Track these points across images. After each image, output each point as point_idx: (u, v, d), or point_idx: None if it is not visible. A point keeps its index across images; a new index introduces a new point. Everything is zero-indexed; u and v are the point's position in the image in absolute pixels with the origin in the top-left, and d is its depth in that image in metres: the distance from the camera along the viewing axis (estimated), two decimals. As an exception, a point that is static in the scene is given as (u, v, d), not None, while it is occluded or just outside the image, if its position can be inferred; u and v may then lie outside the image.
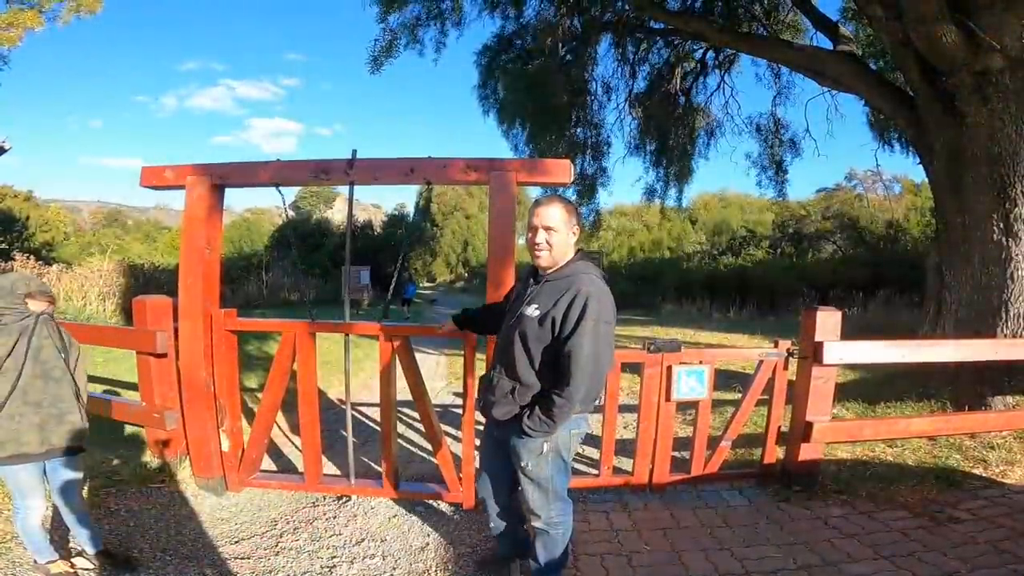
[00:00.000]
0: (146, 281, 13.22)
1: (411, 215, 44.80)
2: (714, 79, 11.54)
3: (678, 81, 11.37)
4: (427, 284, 47.76)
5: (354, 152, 3.16)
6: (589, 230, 13.54)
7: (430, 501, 3.44)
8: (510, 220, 3.09)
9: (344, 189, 3.23)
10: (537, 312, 2.04)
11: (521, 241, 3.12)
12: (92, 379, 5.66)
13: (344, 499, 3.44)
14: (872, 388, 5.75)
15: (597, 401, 2.22)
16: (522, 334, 2.08)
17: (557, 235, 2.09)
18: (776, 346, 3.54)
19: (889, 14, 5.40)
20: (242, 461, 3.52)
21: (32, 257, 12.88)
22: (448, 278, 53.21)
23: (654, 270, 26.55)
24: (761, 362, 3.54)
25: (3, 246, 15.66)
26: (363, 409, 5.58)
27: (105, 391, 5.15)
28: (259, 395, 5.81)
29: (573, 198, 12.27)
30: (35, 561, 2.47)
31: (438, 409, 5.78)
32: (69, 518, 2.53)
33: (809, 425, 3.40)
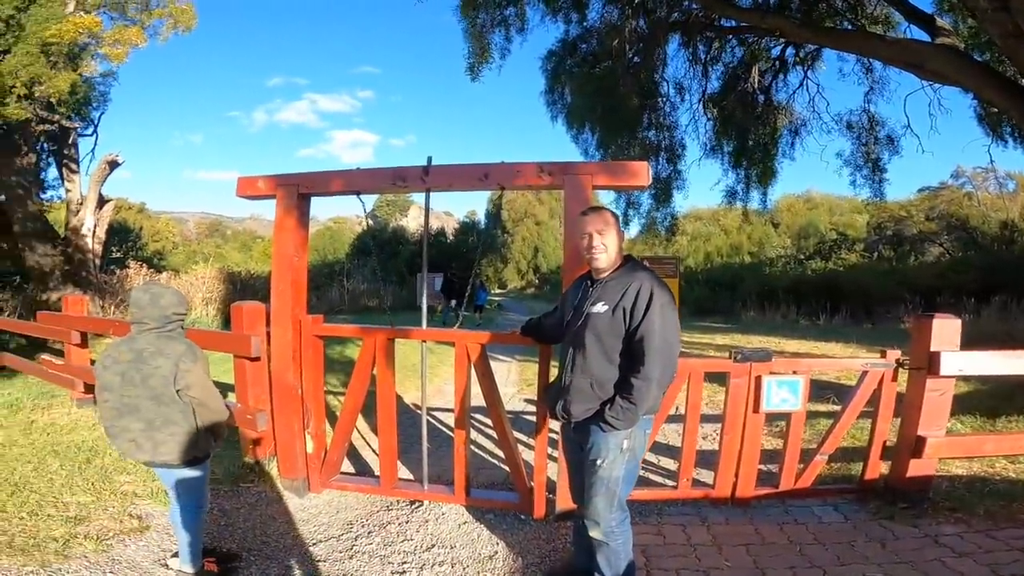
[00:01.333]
0: (243, 287, 14.21)
1: (482, 222, 45.52)
2: (796, 76, 10.96)
3: (756, 79, 10.85)
4: (498, 291, 48.23)
5: (429, 159, 3.21)
6: (665, 235, 13.15)
7: (500, 509, 3.40)
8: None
9: (419, 197, 3.29)
10: (605, 307, 2.16)
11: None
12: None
13: (417, 504, 3.47)
14: (988, 401, 5.25)
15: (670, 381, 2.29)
16: (594, 331, 2.18)
17: (608, 236, 2.25)
18: (884, 356, 3.25)
19: (995, 5, 5.00)
20: (324, 463, 3.63)
21: (145, 265, 14.19)
22: (519, 284, 53.51)
23: (733, 276, 25.41)
24: (865, 372, 3.26)
25: (119, 255, 17.30)
26: (437, 414, 5.65)
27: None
28: (340, 397, 6.06)
29: (648, 202, 11.97)
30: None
31: (510, 415, 5.78)
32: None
33: (921, 440, 3.11)
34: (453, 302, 16.86)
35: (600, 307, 2.17)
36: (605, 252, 2.24)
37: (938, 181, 26.50)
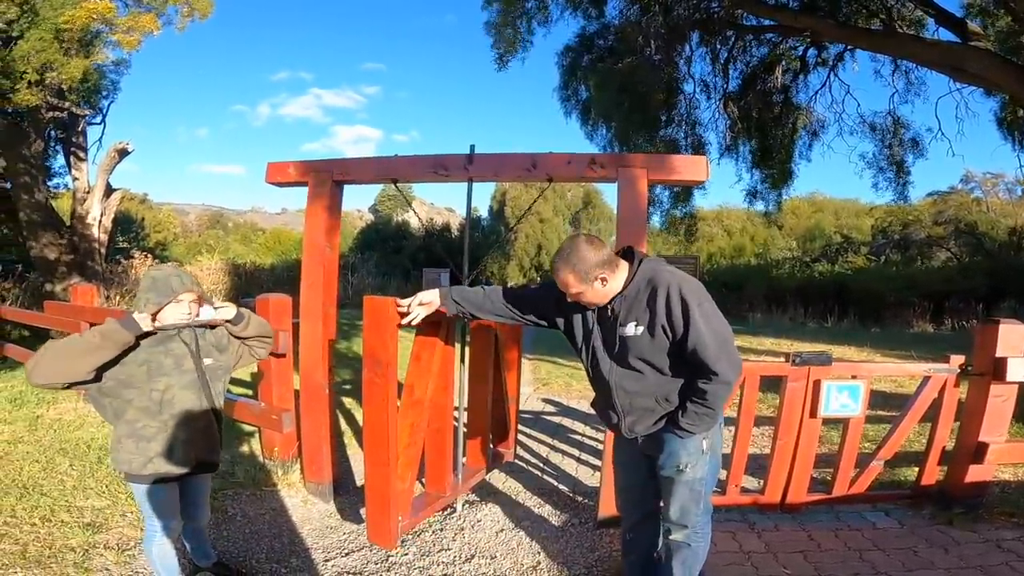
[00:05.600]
0: (248, 279, 14.01)
1: (485, 218, 45.10)
2: (817, 77, 10.79)
3: (779, 79, 10.70)
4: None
5: (472, 147, 3.05)
6: (684, 237, 12.99)
7: (539, 515, 3.27)
8: (641, 222, 2.85)
9: (421, 192, 3.12)
10: (642, 328, 1.94)
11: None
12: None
13: (449, 510, 3.32)
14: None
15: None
16: (639, 354, 1.97)
17: (587, 293, 1.96)
18: (948, 361, 3.14)
19: None
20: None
21: (149, 255, 14.01)
22: (520, 281, 53.29)
23: (739, 277, 25.25)
24: (928, 378, 3.16)
25: (124, 245, 17.09)
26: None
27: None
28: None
29: (668, 201, 11.77)
30: None
31: (527, 416, 5.64)
32: (193, 533, 2.43)
33: (983, 446, 3.06)
34: None
35: (634, 328, 1.94)
36: (596, 301, 1.98)
37: (947, 186, 26.40)
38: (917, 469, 3.39)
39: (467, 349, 3.24)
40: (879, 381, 6.30)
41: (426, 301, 2.35)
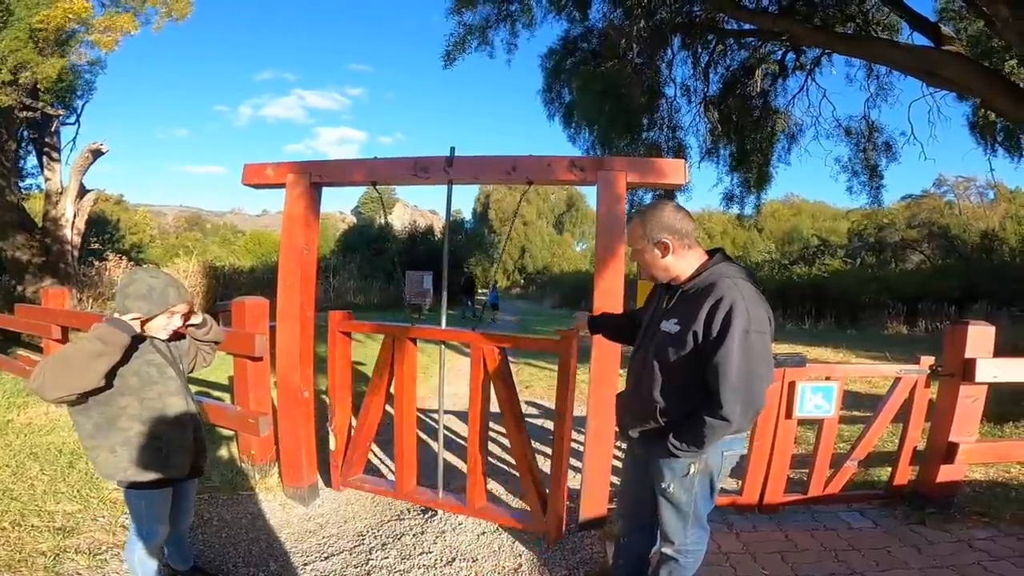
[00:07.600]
0: (226, 282, 13.79)
1: (468, 221, 45.32)
2: (795, 81, 10.98)
3: (758, 83, 10.85)
4: (483, 290, 48.07)
5: (452, 150, 3.04)
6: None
7: (513, 528, 3.26)
8: (619, 224, 2.86)
9: (405, 194, 3.12)
10: (677, 327, 1.81)
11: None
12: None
13: (430, 513, 3.29)
14: (993, 407, 5.29)
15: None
16: (659, 352, 1.86)
17: (644, 253, 1.92)
18: (918, 362, 3.21)
19: (1017, 13, 5.04)
20: (345, 461, 3.48)
21: (124, 258, 13.73)
22: (504, 284, 53.32)
23: (719, 279, 25.55)
24: (899, 379, 3.22)
25: (97, 247, 16.73)
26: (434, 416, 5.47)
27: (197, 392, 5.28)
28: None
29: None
30: None
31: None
32: (176, 538, 2.42)
33: (953, 446, 3.11)
34: (469, 301, 17.82)
35: (671, 325, 1.82)
36: (651, 269, 1.93)
37: (920, 189, 27.08)
38: (890, 469, 3.45)
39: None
40: (853, 382, 6.43)
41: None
